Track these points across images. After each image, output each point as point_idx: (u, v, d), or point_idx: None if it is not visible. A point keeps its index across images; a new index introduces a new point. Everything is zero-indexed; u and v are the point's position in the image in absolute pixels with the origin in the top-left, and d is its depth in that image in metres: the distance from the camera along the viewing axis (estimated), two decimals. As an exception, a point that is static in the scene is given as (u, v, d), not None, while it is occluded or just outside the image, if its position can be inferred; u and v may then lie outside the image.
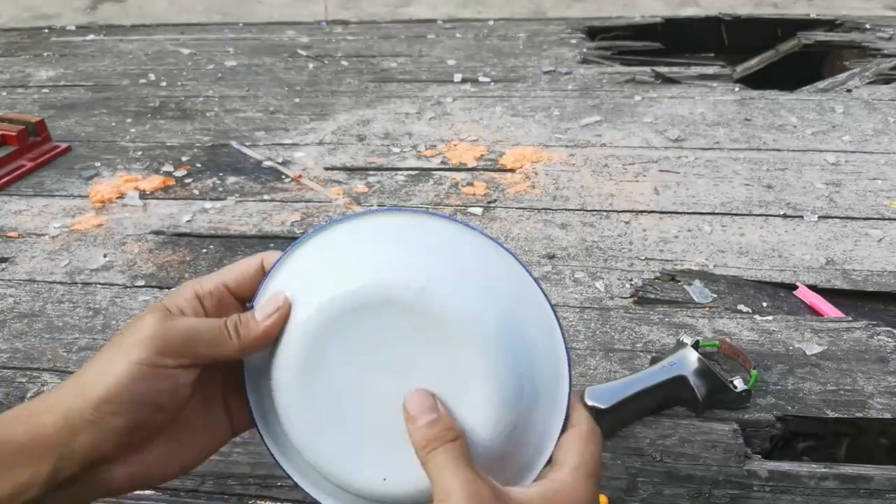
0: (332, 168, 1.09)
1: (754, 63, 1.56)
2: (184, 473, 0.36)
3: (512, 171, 1.05)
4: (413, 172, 1.06)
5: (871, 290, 0.77)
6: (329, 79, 1.46)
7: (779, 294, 0.77)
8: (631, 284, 0.79)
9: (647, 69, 1.41)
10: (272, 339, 0.35)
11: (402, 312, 0.33)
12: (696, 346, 0.62)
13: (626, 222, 0.91)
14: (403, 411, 0.33)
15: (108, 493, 0.33)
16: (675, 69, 1.42)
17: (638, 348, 0.69)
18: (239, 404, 0.38)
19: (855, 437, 0.62)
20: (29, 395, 0.66)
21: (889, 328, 0.69)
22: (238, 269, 0.37)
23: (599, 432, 0.35)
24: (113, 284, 0.83)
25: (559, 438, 0.35)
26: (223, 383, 0.38)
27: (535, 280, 0.37)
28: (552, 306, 0.37)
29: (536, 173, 1.04)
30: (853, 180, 0.98)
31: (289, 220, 0.94)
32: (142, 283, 0.83)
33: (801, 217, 0.90)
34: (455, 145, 1.13)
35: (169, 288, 0.82)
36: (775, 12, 2.13)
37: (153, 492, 0.57)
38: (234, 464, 0.59)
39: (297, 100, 1.36)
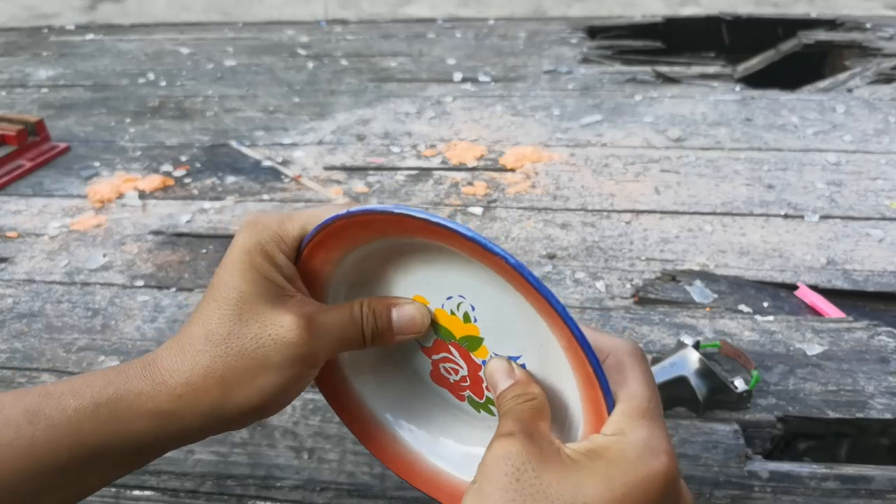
0: (332, 168, 1.09)
1: (755, 63, 1.56)
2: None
3: (512, 170, 1.05)
4: (413, 172, 1.06)
5: (872, 290, 0.77)
6: (328, 78, 1.46)
7: (780, 294, 0.77)
8: (631, 285, 0.79)
9: (648, 69, 1.41)
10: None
11: None
12: (696, 346, 0.62)
13: (627, 222, 0.90)
14: (487, 381, 0.34)
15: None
16: (676, 69, 1.42)
17: (638, 348, 0.69)
18: None
19: (856, 438, 0.62)
20: (28, 395, 0.66)
21: (890, 328, 0.69)
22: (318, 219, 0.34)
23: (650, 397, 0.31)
24: (112, 284, 0.83)
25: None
26: None
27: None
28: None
29: (537, 173, 1.03)
30: (854, 180, 0.98)
31: (288, 220, 0.94)
32: (141, 283, 0.83)
33: (802, 217, 0.90)
34: (455, 145, 1.13)
35: (168, 288, 0.81)
36: (776, 12, 2.13)
37: (152, 492, 0.57)
38: (234, 464, 0.59)
39: (296, 99, 1.36)
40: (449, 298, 0.36)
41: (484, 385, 0.37)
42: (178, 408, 0.32)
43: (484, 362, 0.36)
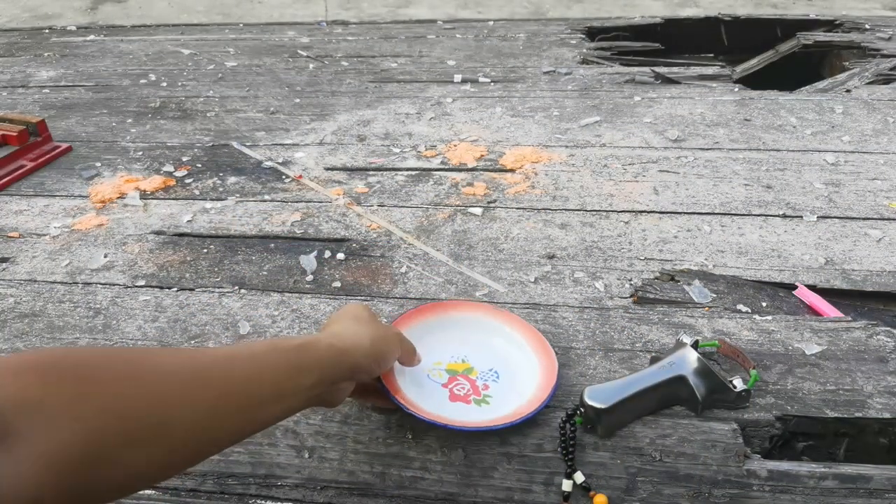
0: (333, 168, 1.09)
1: (754, 63, 1.56)
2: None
3: (512, 171, 1.05)
4: (413, 172, 1.06)
5: (871, 289, 0.77)
6: (329, 79, 1.46)
7: (778, 294, 0.77)
8: (630, 284, 0.79)
9: (647, 69, 1.41)
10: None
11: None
12: (695, 345, 0.63)
13: (626, 222, 0.91)
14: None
15: (340, 401, 0.54)
16: (675, 69, 1.42)
17: (637, 348, 0.69)
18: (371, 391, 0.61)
19: (854, 437, 0.62)
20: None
21: (888, 328, 0.69)
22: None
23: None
24: (114, 284, 0.83)
25: None
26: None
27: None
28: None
29: (536, 173, 1.04)
30: (852, 180, 0.98)
31: (289, 221, 0.95)
32: (142, 283, 0.83)
33: (801, 217, 0.90)
34: (455, 145, 1.13)
35: (170, 288, 0.82)
36: (775, 12, 2.13)
37: (153, 491, 0.57)
38: (235, 463, 0.59)
39: (297, 100, 1.36)
40: (453, 356, 0.68)
41: (479, 387, 0.65)
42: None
43: (476, 378, 0.65)
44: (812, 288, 0.77)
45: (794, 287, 0.78)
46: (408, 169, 1.07)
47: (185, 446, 0.40)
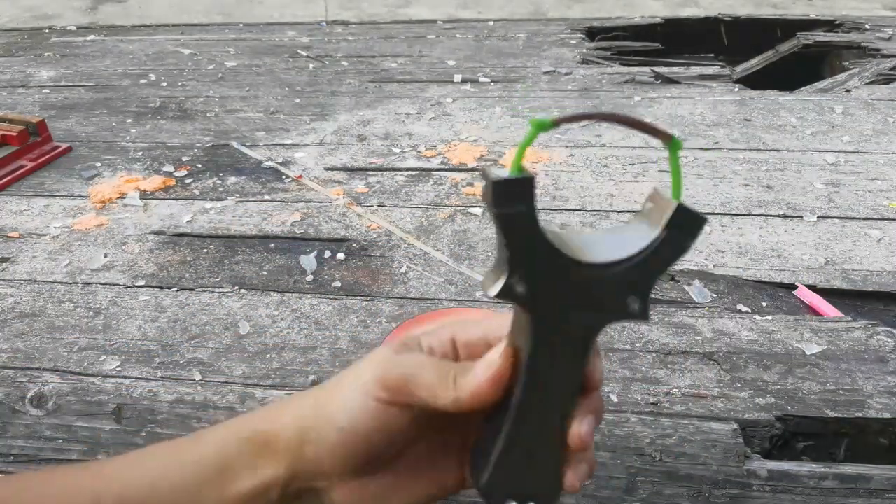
0: (333, 168, 1.09)
1: (754, 63, 1.56)
2: None
3: (512, 171, 1.05)
4: (413, 172, 1.06)
5: (871, 289, 0.77)
6: (329, 79, 1.46)
7: (778, 294, 0.77)
8: (631, 284, 0.79)
9: (647, 69, 1.41)
10: (491, 400, 0.30)
11: None
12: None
13: (626, 222, 0.91)
14: None
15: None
16: (675, 69, 1.42)
17: (637, 348, 0.69)
18: None
19: (854, 437, 0.62)
20: (29, 394, 0.66)
21: (888, 328, 0.69)
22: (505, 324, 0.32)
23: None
24: (114, 284, 0.83)
25: None
26: (465, 434, 0.34)
27: None
28: None
29: (536, 173, 1.04)
30: (852, 180, 0.98)
31: (289, 221, 0.95)
32: (142, 283, 0.83)
33: (801, 217, 0.90)
34: (455, 145, 1.13)
35: (170, 288, 0.82)
36: (775, 13, 2.13)
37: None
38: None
39: (297, 100, 1.36)
40: None
41: None
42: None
43: None
44: (812, 288, 0.77)
45: (794, 287, 0.78)
46: (408, 169, 1.07)
47: None
